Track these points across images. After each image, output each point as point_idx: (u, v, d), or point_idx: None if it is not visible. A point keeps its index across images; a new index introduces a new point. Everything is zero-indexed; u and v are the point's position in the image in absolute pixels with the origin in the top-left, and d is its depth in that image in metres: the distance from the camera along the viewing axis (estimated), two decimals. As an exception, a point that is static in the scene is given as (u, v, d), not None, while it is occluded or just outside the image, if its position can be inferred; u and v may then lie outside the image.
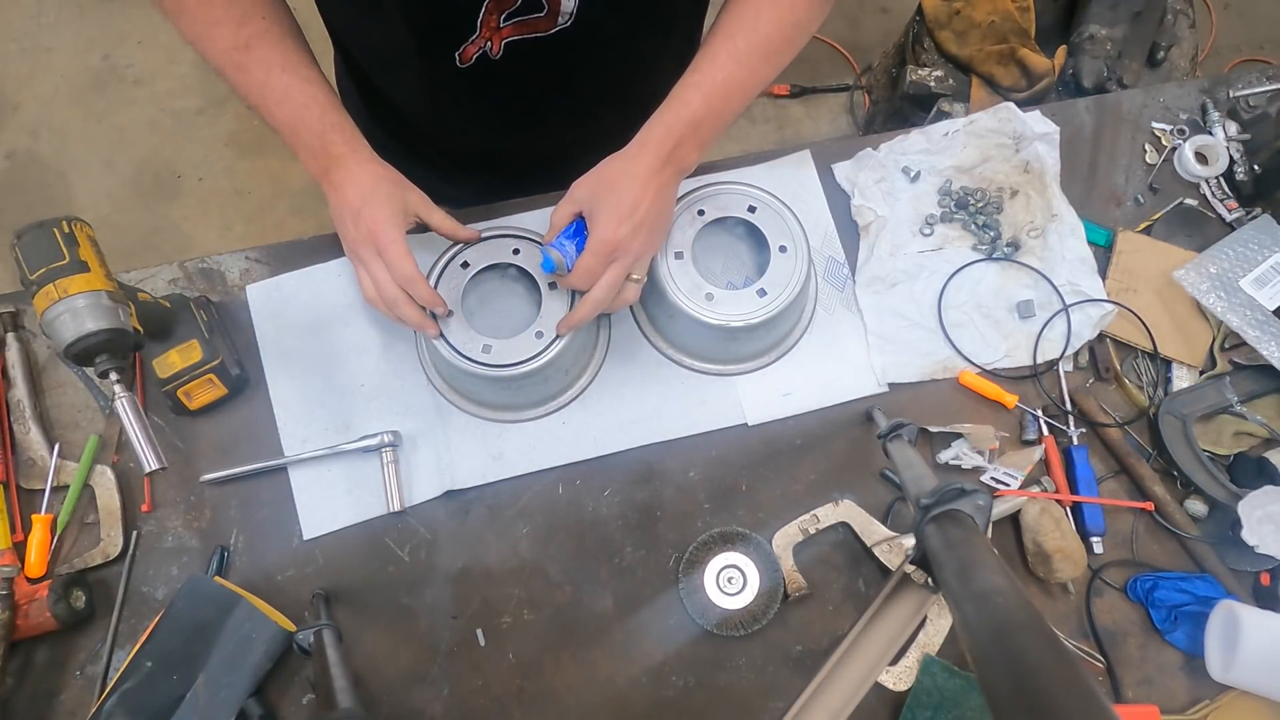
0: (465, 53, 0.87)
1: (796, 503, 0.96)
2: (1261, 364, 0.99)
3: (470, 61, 0.88)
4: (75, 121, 2.46)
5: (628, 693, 0.91)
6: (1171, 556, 0.96)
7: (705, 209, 0.95)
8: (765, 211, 0.96)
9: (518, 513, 0.97)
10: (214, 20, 0.79)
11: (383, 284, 0.84)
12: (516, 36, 0.86)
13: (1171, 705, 0.91)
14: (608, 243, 0.82)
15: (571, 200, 0.85)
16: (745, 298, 0.93)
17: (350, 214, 0.83)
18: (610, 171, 0.83)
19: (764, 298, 0.92)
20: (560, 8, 0.83)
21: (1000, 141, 1.08)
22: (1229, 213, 1.09)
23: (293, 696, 0.90)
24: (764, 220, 0.96)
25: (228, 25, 0.79)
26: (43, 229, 0.78)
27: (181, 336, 0.94)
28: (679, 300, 0.92)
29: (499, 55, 0.87)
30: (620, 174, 0.82)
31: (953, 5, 1.86)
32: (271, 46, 0.81)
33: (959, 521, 0.70)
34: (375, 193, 0.83)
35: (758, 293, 0.93)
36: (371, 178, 0.84)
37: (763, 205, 0.96)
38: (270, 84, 0.81)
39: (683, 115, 0.82)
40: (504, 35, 0.85)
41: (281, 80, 0.81)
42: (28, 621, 0.87)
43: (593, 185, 0.84)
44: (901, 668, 0.89)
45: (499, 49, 0.86)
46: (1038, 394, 1.01)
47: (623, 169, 0.83)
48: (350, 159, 0.84)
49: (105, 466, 0.95)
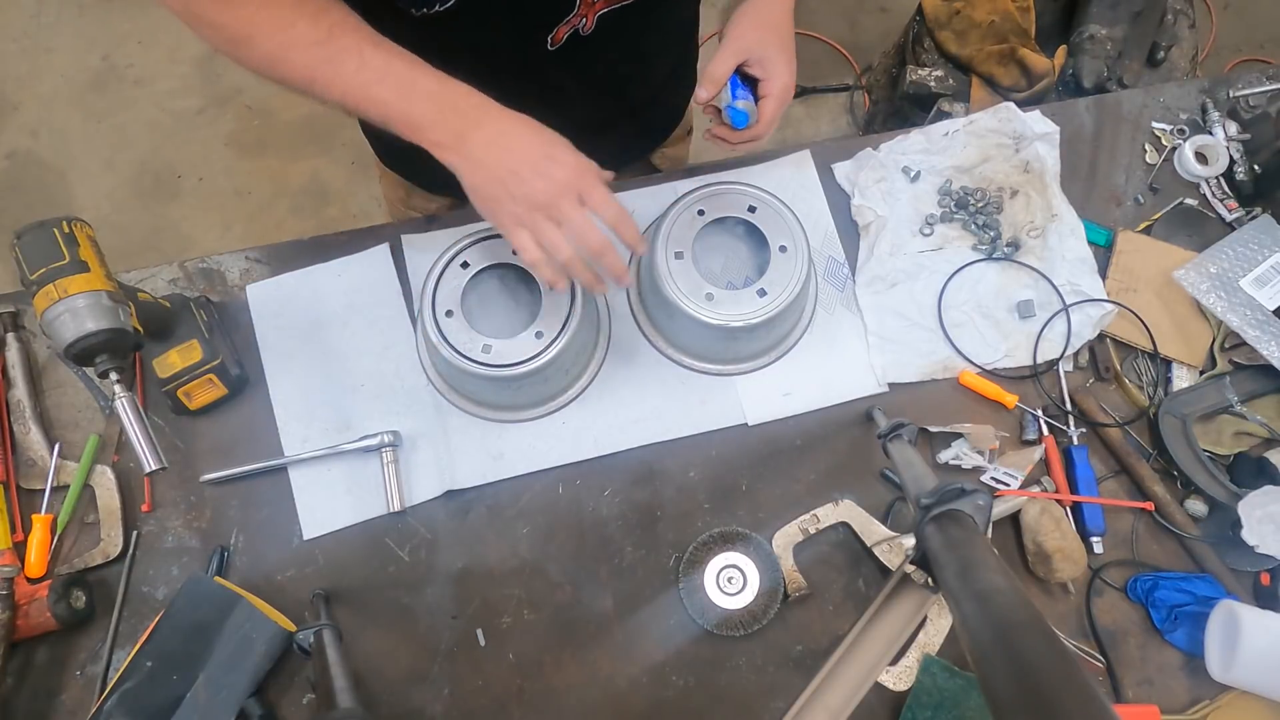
0: (558, 34, 0.86)
1: (796, 503, 0.96)
2: (1261, 364, 0.99)
3: (561, 42, 0.87)
4: (75, 121, 2.45)
5: (628, 693, 0.91)
6: (1171, 556, 0.96)
7: (705, 209, 0.96)
8: (765, 211, 0.96)
9: (518, 513, 0.97)
10: (288, 22, 0.74)
11: (587, 234, 0.77)
12: (607, 8, 0.86)
13: (1171, 705, 0.91)
14: (790, 88, 0.86)
15: (740, 50, 0.85)
16: (745, 298, 0.93)
17: (531, 166, 0.76)
18: (773, 16, 0.86)
19: (764, 298, 0.92)
20: None
21: (1000, 141, 1.08)
22: (1229, 213, 1.09)
23: (293, 696, 0.90)
24: (764, 220, 0.96)
25: (303, 22, 0.74)
26: (43, 229, 0.78)
27: (181, 336, 0.94)
28: (679, 300, 0.92)
29: (590, 30, 0.87)
30: (776, 23, 0.86)
31: (953, 5, 1.86)
32: (353, 30, 0.75)
33: (959, 521, 0.70)
34: (553, 139, 0.77)
35: (758, 293, 0.93)
36: (532, 125, 0.77)
37: (763, 205, 0.96)
38: (366, 64, 0.75)
39: None
40: (598, 9, 0.86)
41: (377, 56, 0.75)
42: (28, 621, 0.87)
43: (760, 31, 0.85)
44: (901, 668, 0.89)
45: (592, 24, 0.86)
46: (1038, 394, 1.01)
47: (776, 18, 0.86)
48: (493, 110, 0.76)
49: (105, 466, 0.95)
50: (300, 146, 2.43)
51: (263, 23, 0.74)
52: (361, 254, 1.04)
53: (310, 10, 0.75)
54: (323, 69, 0.75)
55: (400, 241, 1.05)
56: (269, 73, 0.77)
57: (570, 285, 0.91)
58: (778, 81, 0.86)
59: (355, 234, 1.06)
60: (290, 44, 0.75)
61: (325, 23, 0.75)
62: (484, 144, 0.76)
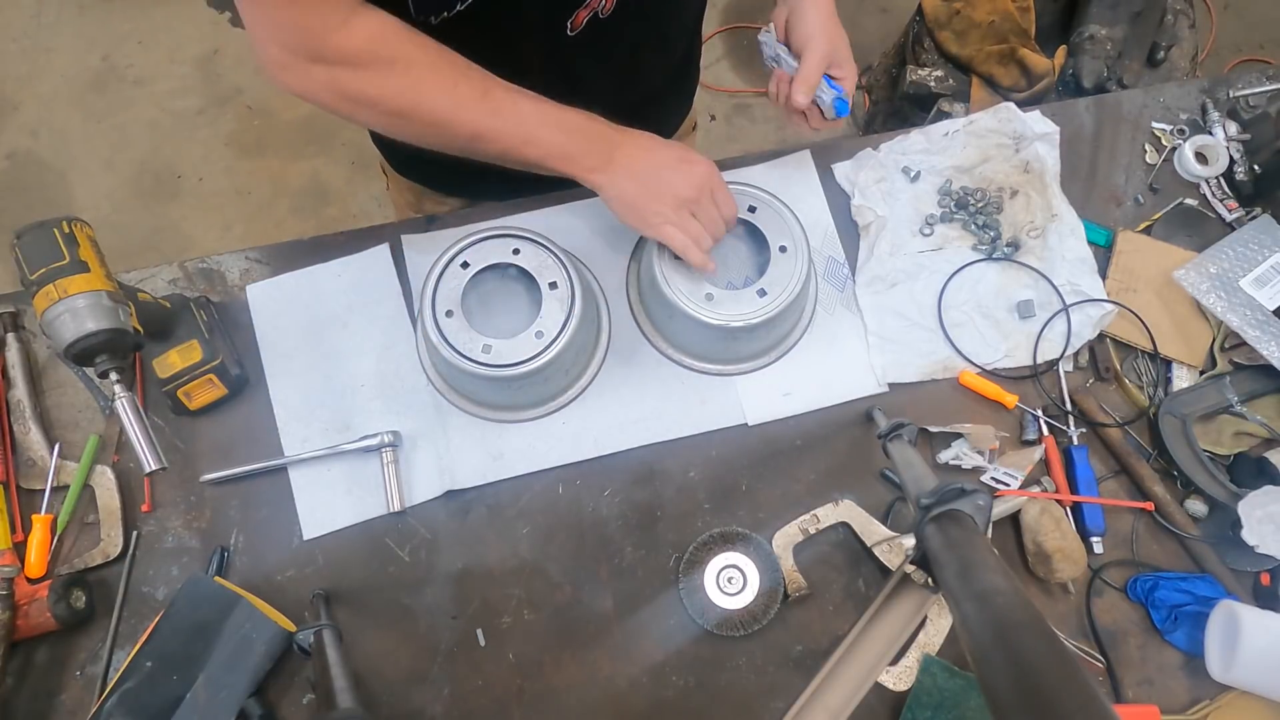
0: (577, 19, 0.87)
1: (796, 503, 0.96)
2: (1261, 364, 0.99)
3: (580, 27, 0.88)
4: (75, 121, 2.46)
5: (628, 693, 0.91)
6: (1171, 556, 0.96)
7: None
8: (765, 211, 0.96)
9: (518, 513, 0.97)
10: (452, 83, 0.79)
11: (718, 225, 0.90)
12: None
13: (1171, 705, 0.91)
14: (855, 72, 0.98)
15: (826, 55, 0.96)
16: (745, 298, 0.93)
17: (672, 170, 0.87)
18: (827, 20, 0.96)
19: (764, 298, 0.93)
20: None
21: (1000, 141, 1.08)
22: (1229, 213, 1.09)
23: (293, 697, 0.90)
24: (764, 220, 0.96)
25: (464, 82, 0.80)
26: (43, 229, 0.78)
27: (181, 336, 0.94)
28: (678, 300, 0.92)
29: (608, 14, 0.88)
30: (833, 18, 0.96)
31: (953, 5, 1.86)
32: (498, 83, 0.82)
33: (959, 521, 0.70)
34: (681, 145, 0.89)
35: (758, 293, 0.93)
36: (658, 138, 0.89)
37: (763, 205, 0.96)
38: (524, 114, 0.82)
39: None
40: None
41: (531, 106, 0.83)
42: (28, 621, 0.87)
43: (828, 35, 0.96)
44: (901, 668, 0.89)
45: (610, 7, 0.88)
46: (1038, 394, 1.01)
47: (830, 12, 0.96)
48: (622, 130, 0.87)
49: (105, 466, 0.95)
50: (300, 146, 2.43)
51: (429, 89, 0.79)
52: (361, 254, 1.04)
53: (462, 68, 0.80)
54: (489, 122, 0.81)
55: (400, 241, 1.05)
56: (432, 136, 0.82)
57: (570, 285, 0.91)
58: (850, 76, 0.97)
59: (355, 234, 1.06)
60: (459, 104, 0.80)
61: (479, 80, 0.80)
62: (628, 160, 0.86)
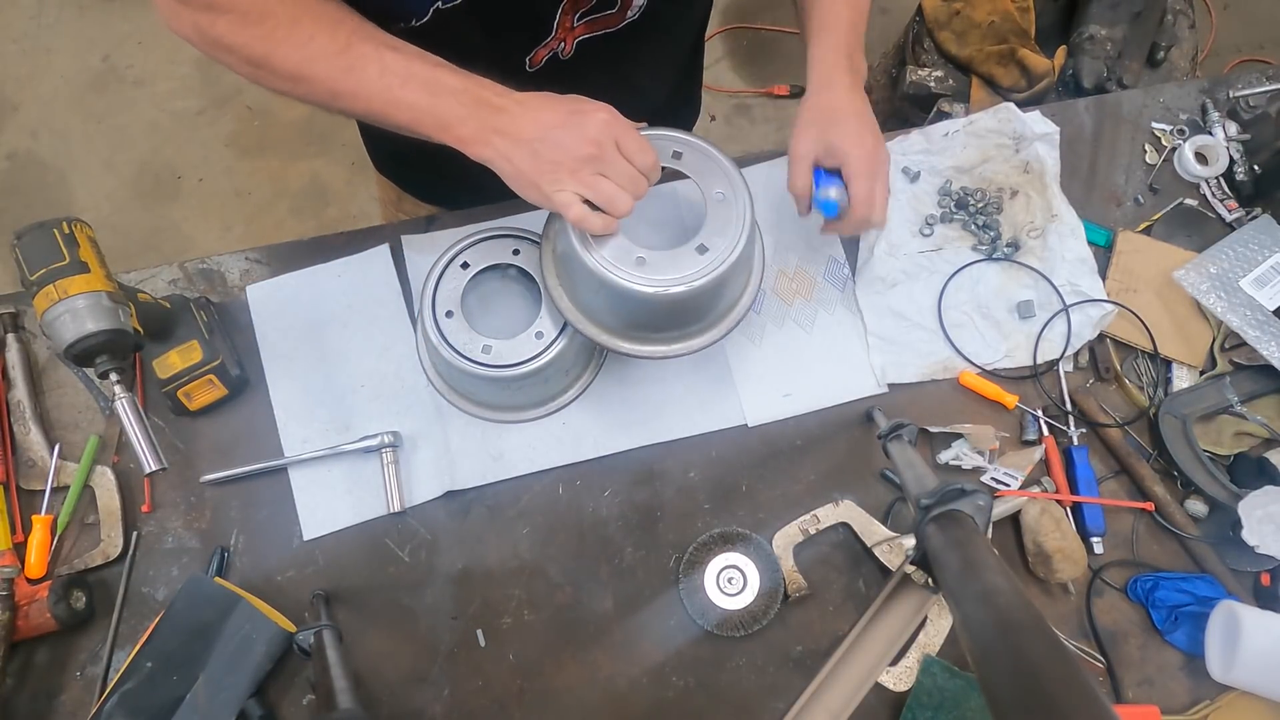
0: (536, 57, 0.86)
1: (796, 503, 0.96)
2: (1261, 364, 0.99)
3: (540, 64, 0.87)
4: (75, 122, 2.46)
5: (628, 693, 0.91)
6: (1172, 556, 0.96)
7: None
8: (694, 156, 0.83)
9: (518, 513, 0.97)
10: (308, 36, 0.73)
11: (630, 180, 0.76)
12: (588, 35, 0.86)
13: (1172, 705, 0.91)
14: (870, 158, 0.87)
15: (803, 157, 0.89)
16: (684, 257, 0.80)
17: (561, 128, 0.74)
18: (823, 110, 0.89)
19: (706, 255, 0.80)
20: (632, 2, 0.84)
21: (1000, 142, 1.08)
22: (1229, 213, 1.09)
23: (293, 697, 0.90)
24: (693, 166, 0.83)
25: (323, 35, 0.73)
26: (43, 230, 0.78)
27: (181, 337, 0.94)
28: (603, 269, 0.79)
29: (569, 55, 0.87)
30: (832, 107, 0.89)
31: (953, 5, 1.85)
32: (369, 37, 0.75)
33: (959, 522, 0.70)
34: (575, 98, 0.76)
35: (697, 249, 0.80)
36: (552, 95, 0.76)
37: (690, 149, 0.83)
38: (388, 69, 0.74)
39: (842, 30, 0.89)
40: (577, 34, 0.85)
41: (397, 61, 0.74)
42: (28, 622, 0.87)
43: (814, 131, 0.89)
44: (902, 668, 0.89)
45: (571, 49, 0.86)
46: (1038, 394, 1.01)
47: (830, 102, 0.89)
48: (513, 94, 0.76)
49: (105, 467, 0.95)
50: (300, 147, 2.43)
51: (282, 40, 0.73)
52: (361, 255, 1.04)
53: (327, 22, 0.74)
54: (345, 82, 0.74)
55: (400, 242, 1.05)
56: (293, 91, 0.76)
57: None
58: (853, 158, 0.87)
59: (355, 235, 1.06)
60: (311, 59, 0.74)
61: (343, 33, 0.73)
62: (512, 127, 0.74)
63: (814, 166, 0.90)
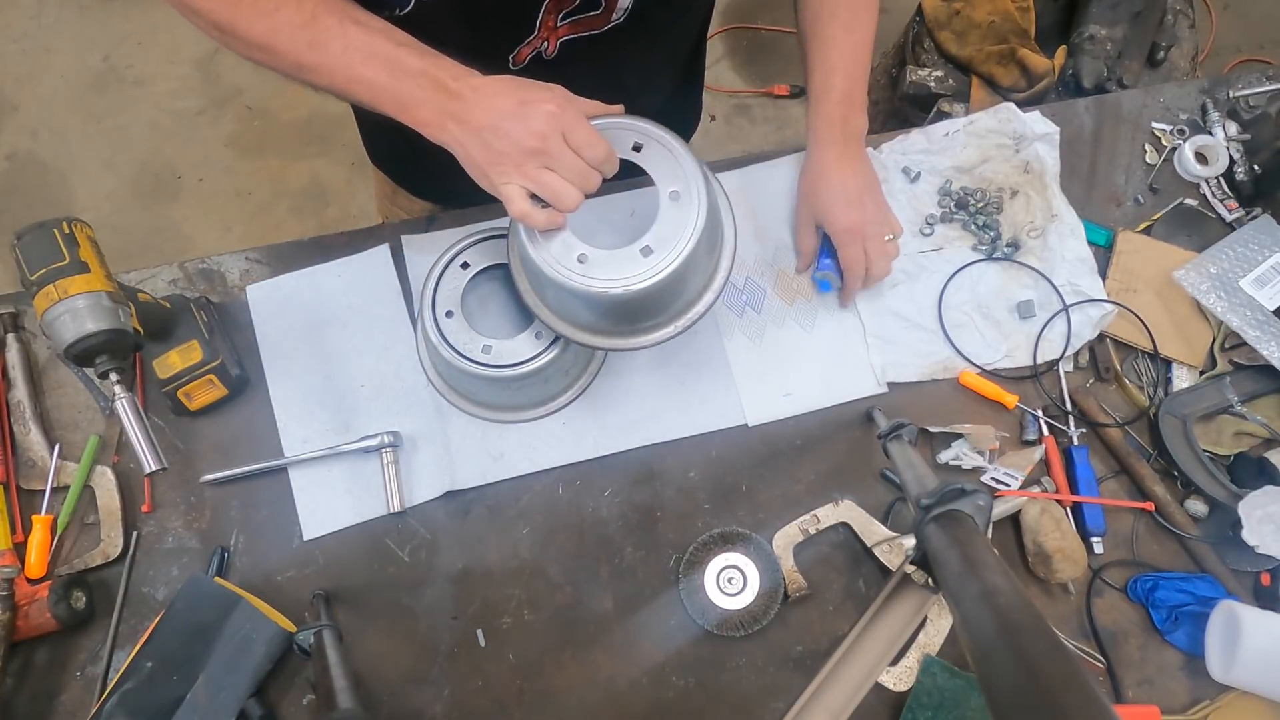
0: (519, 54, 0.85)
1: (796, 503, 0.96)
2: (1261, 364, 0.99)
3: (524, 63, 0.87)
4: (75, 122, 2.46)
5: (628, 693, 0.91)
6: (1172, 556, 0.96)
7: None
8: (654, 150, 0.79)
9: (518, 513, 0.97)
10: (272, 6, 0.72)
11: (579, 174, 0.73)
12: (572, 35, 0.86)
13: (1172, 705, 0.91)
14: (849, 229, 0.95)
15: (804, 224, 0.99)
16: (626, 259, 0.77)
17: (511, 117, 0.71)
18: (811, 181, 0.97)
19: (650, 258, 0.76)
20: (617, 4, 0.83)
21: (1000, 142, 1.08)
22: (1229, 213, 1.09)
23: (293, 697, 0.90)
24: (652, 161, 0.79)
25: (287, 6, 0.72)
26: (43, 230, 0.78)
27: (181, 337, 0.94)
28: (547, 266, 0.77)
29: (553, 55, 0.87)
30: (818, 176, 0.96)
31: (953, 5, 1.85)
32: (336, 10, 0.73)
33: (959, 522, 0.70)
34: (531, 85, 0.73)
35: (641, 251, 0.77)
36: (512, 80, 0.74)
37: (651, 142, 0.79)
38: (351, 45, 0.72)
39: (834, 99, 0.94)
40: (560, 34, 0.85)
41: (360, 36, 0.72)
42: (28, 622, 0.87)
43: (808, 201, 0.98)
44: (902, 668, 0.89)
45: (554, 48, 0.86)
46: (1038, 394, 1.01)
47: (817, 171, 0.96)
48: (471, 79, 0.73)
49: (105, 467, 0.95)
50: (300, 147, 2.43)
51: (246, 8, 0.72)
52: (361, 254, 1.04)
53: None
54: (309, 54, 0.73)
55: (400, 242, 1.05)
56: (259, 60, 0.75)
57: None
58: (835, 231, 0.96)
59: (355, 234, 1.06)
60: (275, 29, 0.72)
61: (309, 5, 0.72)
62: (467, 114, 0.72)
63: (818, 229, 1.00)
